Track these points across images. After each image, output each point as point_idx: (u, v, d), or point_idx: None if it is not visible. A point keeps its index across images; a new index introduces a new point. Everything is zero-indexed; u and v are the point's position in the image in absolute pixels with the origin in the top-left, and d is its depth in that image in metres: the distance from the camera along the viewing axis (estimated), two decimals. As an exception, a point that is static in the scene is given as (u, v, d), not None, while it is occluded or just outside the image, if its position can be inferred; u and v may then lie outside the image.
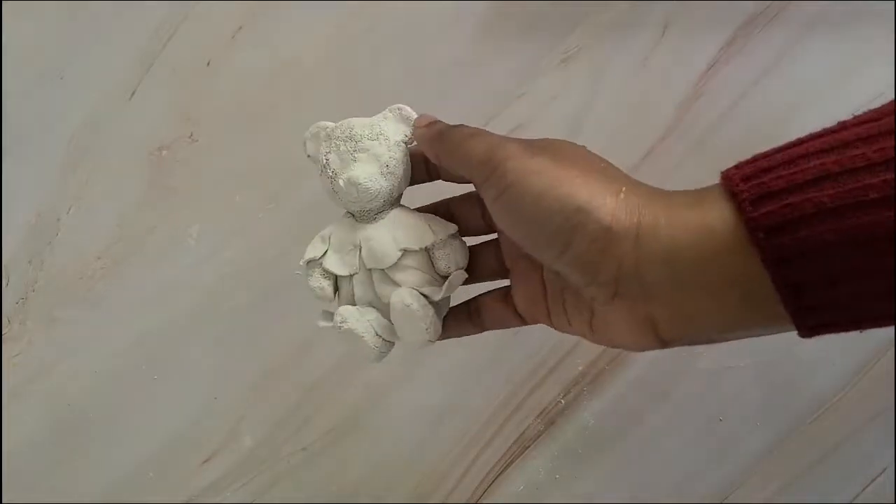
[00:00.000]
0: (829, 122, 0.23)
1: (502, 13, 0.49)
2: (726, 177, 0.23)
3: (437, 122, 0.33)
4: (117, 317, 0.49)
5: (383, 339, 0.35)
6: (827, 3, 0.47)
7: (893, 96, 0.24)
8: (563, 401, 0.51)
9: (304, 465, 0.50)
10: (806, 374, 0.50)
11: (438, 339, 0.34)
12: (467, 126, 0.31)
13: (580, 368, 0.50)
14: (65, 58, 0.49)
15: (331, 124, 0.35)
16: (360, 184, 0.33)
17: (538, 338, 0.49)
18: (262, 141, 0.49)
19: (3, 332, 0.49)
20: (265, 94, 0.49)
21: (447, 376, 0.51)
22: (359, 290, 0.35)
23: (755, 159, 0.23)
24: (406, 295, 0.33)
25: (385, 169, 0.34)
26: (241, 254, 0.50)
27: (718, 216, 0.23)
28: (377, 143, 0.34)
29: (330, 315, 0.35)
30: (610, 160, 0.29)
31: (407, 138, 0.35)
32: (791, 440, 0.50)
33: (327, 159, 0.34)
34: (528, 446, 0.51)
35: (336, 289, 0.36)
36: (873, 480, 0.50)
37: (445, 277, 0.34)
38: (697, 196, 0.24)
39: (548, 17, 0.49)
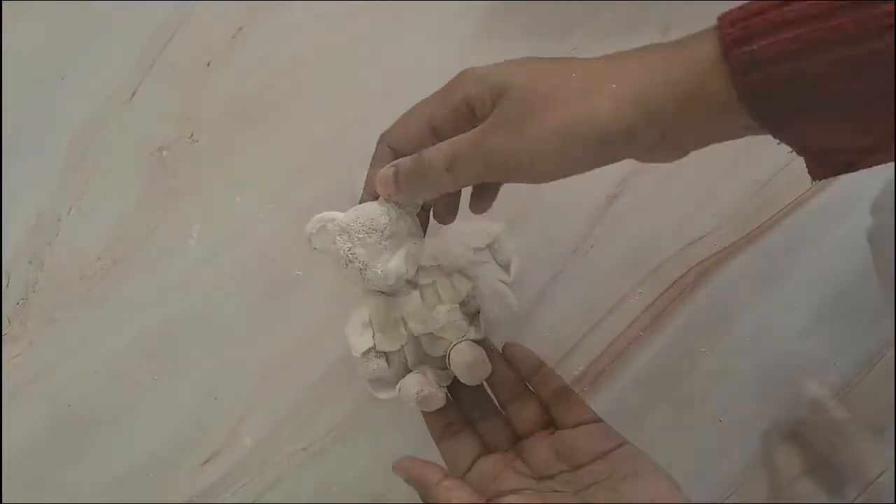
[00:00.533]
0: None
1: (502, 13, 0.49)
2: (721, 37, 0.27)
3: (388, 173, 0.34)
4: (117, 317, 0.49)
5: (444, 387, 0.39)
6: (827, 3, 0.47)
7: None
8: (563, 401, 0.51)
9: (305, 465, 0.50)
10: (806, 375, 0.50)
11: None
12: (422, 157, 0.33)
13: (581, 369, 0.50)
14: (65, 58, 0.49)
15: (337, 215, 0.36)
16: (406, 269, 0.35)
17: (538, 339, 0.49)
18: (262, 141, 0.50)
19: (4, 333, 0.49)
20: (265, 94, 0.49)
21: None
22: (411, 357, 0.39)
23: (747, 16, 0.27)
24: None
25: (413, 241, 0.36)
26: (241, 254, 0.50)
27: (714, 79, 0.28)
28: (400, 223, 0.35)
29: (386, 384, 0.39)
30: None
31: (417, 207, 0.37)
32: (791, 441, 0.50)
33: (353, 253, 0.35)
34: (529, 446, 0.51)
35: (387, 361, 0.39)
36: (874, 481, 0.50)
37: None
38: (689, 55, 0.29)
39: (548, 17, 0.49)
